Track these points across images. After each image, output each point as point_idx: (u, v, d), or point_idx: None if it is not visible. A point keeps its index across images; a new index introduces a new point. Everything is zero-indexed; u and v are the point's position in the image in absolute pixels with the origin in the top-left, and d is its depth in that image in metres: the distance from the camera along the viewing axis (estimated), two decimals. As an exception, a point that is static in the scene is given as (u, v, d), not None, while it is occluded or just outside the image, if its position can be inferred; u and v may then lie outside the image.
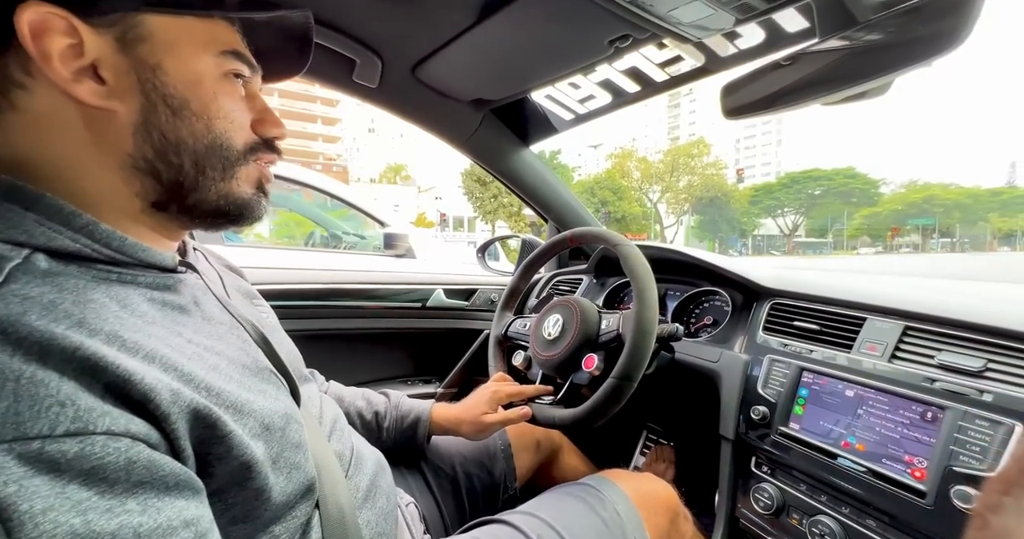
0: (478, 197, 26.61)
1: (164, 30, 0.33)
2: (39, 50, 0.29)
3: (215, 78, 0.35)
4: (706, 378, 0.76)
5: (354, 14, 0.67)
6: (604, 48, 0.63)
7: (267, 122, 0.39)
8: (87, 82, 0.31)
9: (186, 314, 0.35)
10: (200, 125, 0.34)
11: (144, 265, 0.34)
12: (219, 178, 0.36)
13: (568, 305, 0.74)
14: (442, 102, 0.89)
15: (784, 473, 0.65)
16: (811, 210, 47.38)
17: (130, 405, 0.26)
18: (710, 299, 0.92)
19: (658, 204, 40.80)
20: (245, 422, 0.32)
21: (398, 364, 1.14)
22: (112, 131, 0.32)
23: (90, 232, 0.30)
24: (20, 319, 0.24)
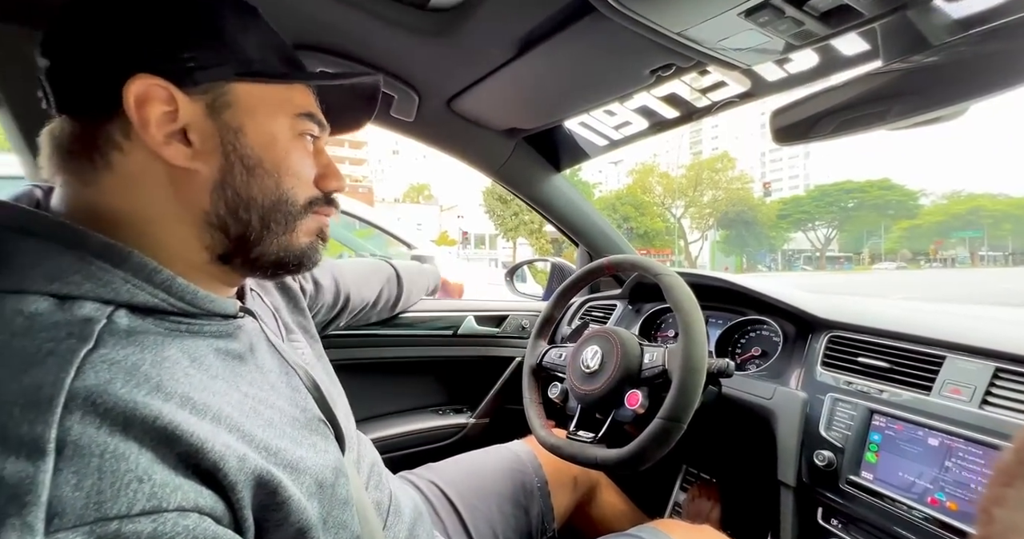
0: (499, 215, 26.90)
1: (248, 96, 0.35)
2: (140, 117, 0.31)
3: (288, 138, 0.37)
4: (758, 416, 0.71)
5: (393, 52, 0.68)
6: (645, 78, 0.62)
7: (329, 176, 0.40)
8: (176, 145, 0.33)
9: (243, 363, 0.36)
10: (270, 183, 0.36)
11: (210, 314, 0.34)
12: (281, 232, 0.37)
13: (607, 336, 0.71)
14: (476, 132, 0.89)
15: (859, 529, 0.58)
16: (845, 223, 45.62)
17: (200, 475, 0.26)
18: (757, 328, 0.87)
19: (681, 219, 40.20)
20: (301, 481, 0.32)
21: (429, 393, 1.12)
22: (192, 189, 0.34)
23: (168, 287, 0.32)
24: (107, 388, 0.24)
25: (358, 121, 0.48)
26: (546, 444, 0.70)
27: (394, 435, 0.99)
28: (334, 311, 0.75)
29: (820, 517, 0.62)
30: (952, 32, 0.43)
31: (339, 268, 0.77)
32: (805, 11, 0.41)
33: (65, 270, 0.28)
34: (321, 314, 0.72)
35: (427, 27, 0.61)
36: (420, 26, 0.61)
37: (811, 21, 0.42)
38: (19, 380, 0.23)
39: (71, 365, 0.24)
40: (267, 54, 0.36)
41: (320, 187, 0.40)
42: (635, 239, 34.20)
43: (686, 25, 0.46)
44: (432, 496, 0.69)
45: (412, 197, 40.63)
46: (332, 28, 0.62)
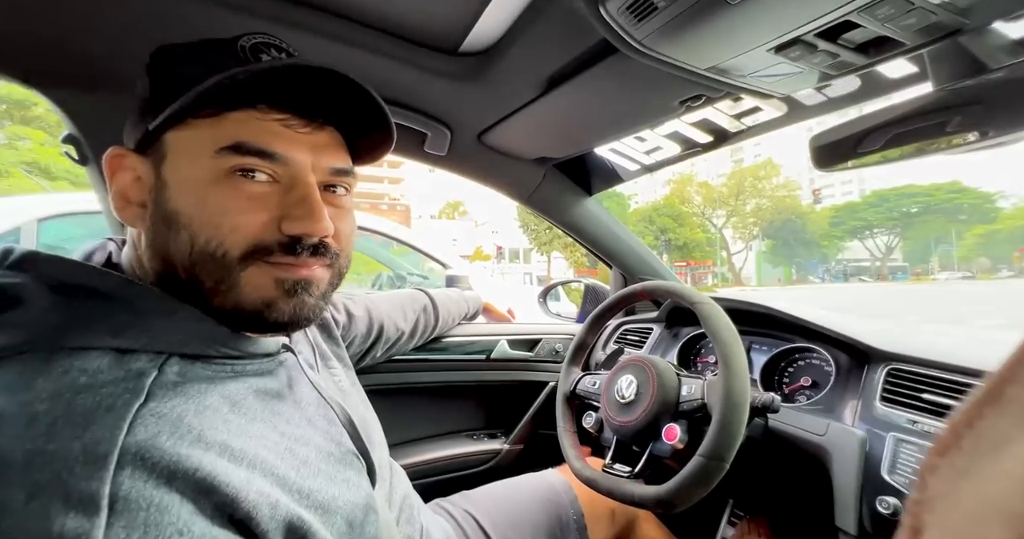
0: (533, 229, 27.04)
1: (175, 141, 0.33)
2: (110, 185, 0.35)
3: (208, 181, 0.32)
4: (810, 453, 0.66)
5: (426, 94, 0.72)
6: (675, 108, 0.62)
7: (290, 218, 0.34)
8: (131, 207, 0.35)
9: (281, 401, 0.38)
10: (184, 236, 0.32)
11: (252, 355, 0.37)
12: (219, 289, 0.33)
13: (642, 365, 0.69)
14: (506, 162, 0.92)
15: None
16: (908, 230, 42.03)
17: (234, 524, 0.27)
18: (806, 357, 0.82)
19: (723, 229, 38.64)
20: (332, 522, 0.33)
21: (463, 418, 1.13)
22: (142, 250, 0.35)
23: (213, 336, 0.34)
24: (155, 442, 0.26)
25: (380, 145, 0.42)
26: (581, 477, 0.69)
27: (428, 460, 1.00)
28: (368, 342, 0.77)
29: (886, 572, 0.56)
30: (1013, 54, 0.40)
31: (372, 300, 0.80)
32: (840, 44, 0.40)
33: (126, 326, 0.30)
34: (355, 345, 0.74)
35: (458, 71, 0.64)
36: (451, 70, 0.64)
37: (847, 53, 0.40)
38: (81, 437, 0.25)
39: (124, 421, 0.26)
40: (189, 85, 0.31)
41: (283, 230, 0.34)
42: (673, 251, 33.15)
43: (714, 62, 0.46)
44: (466, 526, 0.69)
45: (448, 213, 41.68)
46: (368, 75, 0.67)
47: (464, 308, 1.04)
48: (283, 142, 0.34)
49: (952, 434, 0.11)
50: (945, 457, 0.11)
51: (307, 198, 0.34)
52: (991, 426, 0.10)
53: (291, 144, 0.34)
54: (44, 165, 9.25)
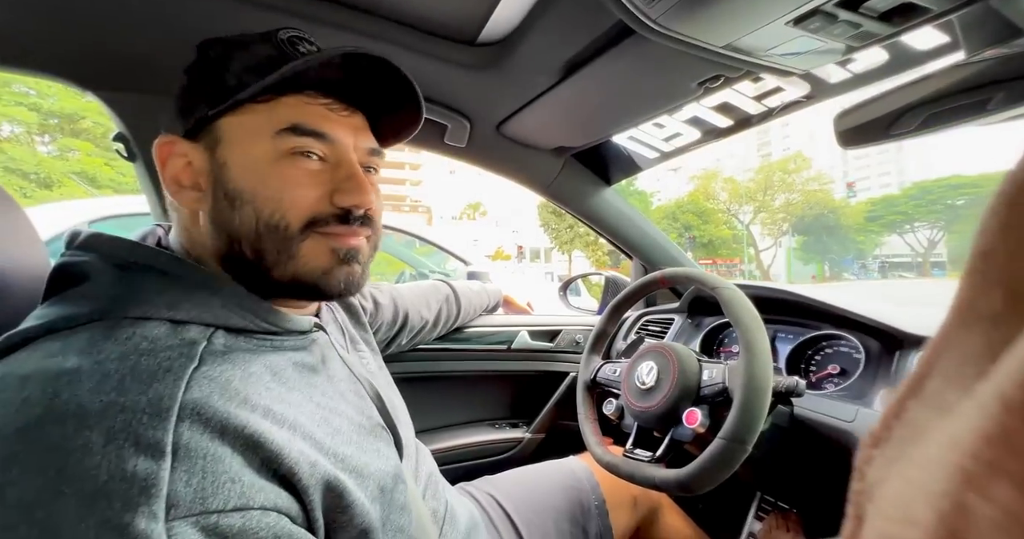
0: (554, 228, 26.92)
1: (231, 126, 0.36)
2: (161, 171, 0.37)
3: (269, 161, 0.36)
4: (838, 441, 0.65)
5: (446, 85, 0.74)
6: (692, 90, 0.62)
7: (343, 191, 0.38)
8: (186, 191, 0.37)
9: (316, 374, 0.40)
10: (249, 212, 0.36)
11: (288, 332, 0.39)
12: (280, 260, 0.37)
13: (663, 351, 0.69)
14: (525, 153, 0.93)
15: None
16: (953, 224, 39.63)
17: (278, 479, 0.30)
18: (834, 344, 0.79)
19: (751, 225, 37.43)
20: (366, 485, 0.35)
21: (485, 407, 1.15)
22: (201, 231, 0.38)
23: (255, 311, 0.36)
24: (208, 401, 0.29)
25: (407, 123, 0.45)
26: (602, 462, 0.69)
27: (452, 447, 1.02)
28: (394, 329, 0.80)
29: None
30: (1048, 15, 0.38)
31: (398, 290, 0.82)
32: (861, 13, 0.39)
33: (178, 299, 0.33)
34: (382, 332, 0.77)
35: (476, 61, 0.66)
36: (469, 60, 0.66)
37: (870, 22, 0.40)
38: (147, 393, 0.27)
39: (182, 381, 0.28)
40: (247, 77, 0.35)
41: (335, 202, 0.38)
42: (698, 248, 32.35)
43: (731, 38, 0.45)
44: (489, 508, 0.71)
45: (469, 214, 42.01)
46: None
47: (485, 300, 1.06)
48: (331, 124, 0.38)
49: (883, 426, 0.12)
50: (878, 448, 0.12)
51: (355, 174, 0.38)
52: (915, 417, 0.11)
53: (336, 126, 0.38)
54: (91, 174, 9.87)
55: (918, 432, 0.11)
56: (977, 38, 0.41)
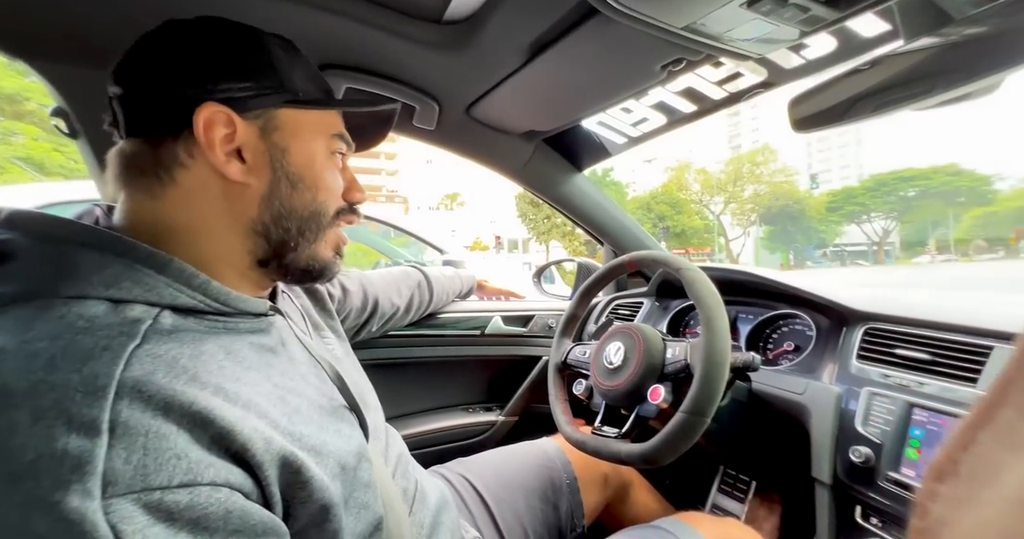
0: (531, 219, 26.94)
1: (293, 120, 0.40)
2: (207, 139, 0.36)
3: (324, 157, 0.42)
4: (791, 412, 0.69)
5: (412, 65, 0.72)
6: (656, 73, 0.63)
7: (354, 189, 0.46)
8: (234, 162, 0.38)
9: (276, 355, 0.40)
10: (309, 196, 0.41)
11: (243, 313, 0.38)
12: (312, 240, 0.42)
13: (629, 332, 0.71)
14: (495, 137, 0.92)
15: (900, 527, 0.55)
16: (905, 214, 42.02)
17: (231, 456, 0.29)
18: (789, 323, 0.84)
19: (721, 216, 38.58)
20: (325, 463, 0.35)
21: (458, 392, 1.15)
22: (244, 200, 0.39)
23: (205, 290, 0.35)
24: (151, 378, 0.28)
25: (374, 140, 0.53)
26: (571, 440, 0.71)
27: (425, 432, 1.02)
28: (363, 316, 0.79)
29: (859, 516, 0.59)
30: (975, 4, 0.41)
31: (367, 276, 0.82)
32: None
33: (118, 277, 0.32)
34: (351, 319, 0.76)
35: (442, 40, 0.65)
36: (436, 39, 0.65)
37: (817, 6, 0.41)
38: (80, 371, 0.26)
39: (121, 359, 0.28)
40: (308, 85, 0.41)
41: (347, 198, 0.45)
42: (672, 238, 33.12)
43: (689, 19, 0.46)
44: (461, 487, 0.72)
45: (446, 204, 41.52)
46: (354, 46, 0.67)
47: (458, 285, 1.06)
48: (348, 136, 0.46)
49: (948, 460, 0.11)
50: (944, 483, 0.11)
51: (355, 177, 0.47)
52: (984, 451, 0.10)
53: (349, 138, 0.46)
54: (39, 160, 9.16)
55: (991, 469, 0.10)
56: (914, 25, 0.43)
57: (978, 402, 0.11)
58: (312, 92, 0.41)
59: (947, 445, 0.11)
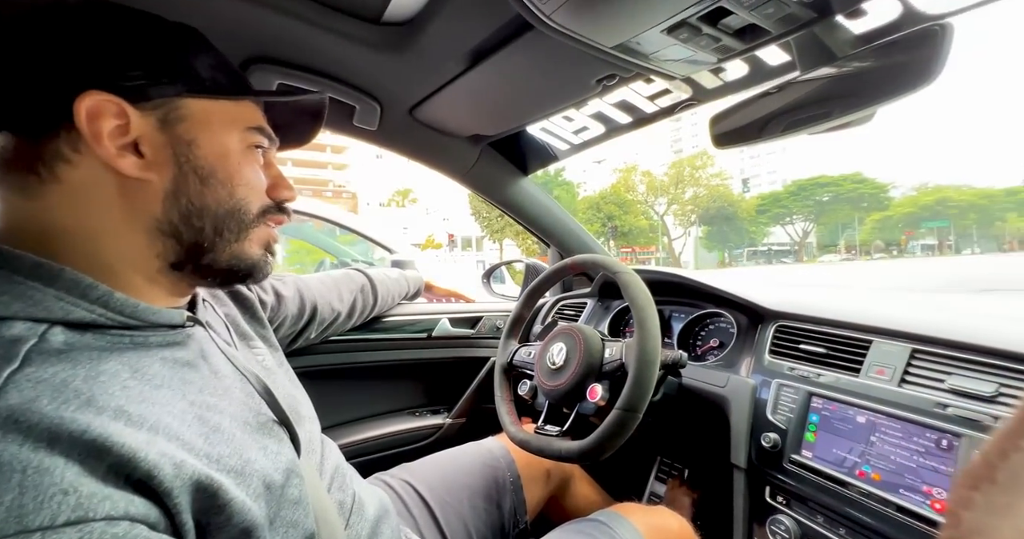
0: (485, 216, 26.85)
1: (201, 111, 0.37)
2: (92, 131, 0.32)
3: (240, 151, 0.40)
4: (715, 404, 0.75)
5: (351, 64, 0.70)
6: (592, 86, 0.66)
7: (280, 187, 0.43)
8: (129, 157, 0.34)
9: (194, 369, 0.37)
10: (224, 192, 0.38)
11: (154, 326, 0.35)
12: (233, 239, 0.39)
13: (571, 333, 0.74)
14: (440, 139, 0.92)
15: (800, 504, 0.63)
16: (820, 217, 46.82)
17: (132, 485, 0.27)
18: (715, 321, 0.91)
19: (665, 216, 40.77)
20: (248, 484, 0.33)
21: (405, 396, 1.14)
22: (144, 198, 0.35)
23: (105, 302, 0.32)
24: (31, 406, 0.25)
25: (304, 136, 0.50)
26: (515, 439, 0.73)
27: (370, 438, 1.00)
28: (301, 322, 0.75)
29: (768, 495, 0.66)
30: (855, 45, 0.47)
31: (304, 280, 0.78)
32: (719, 29, 0.45)
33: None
34: (286, 326, 0.72)
35: (381, 40, 0.63)
36: (374, 39, 0.63)
37: (727, 37, 0.46)
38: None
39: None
40: (217, 74, 0.39)
41: (272, 196, 0.42)
42: (619, 237, 34.47)
43: (620, 39, 0.49)
44: (404, 493, 0.71)
45: (398, 201, 40.36)
46: (288, 41, 0.64)
47: (404, 287, 1.04)
48: (269, 130, 0.43)
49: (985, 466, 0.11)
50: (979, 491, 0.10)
51: (281, 173, 0.44)
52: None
53: (271, 132, 0.43)
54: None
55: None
56: (808, 59, 0.49)
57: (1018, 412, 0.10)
58: (221, 82, 0.39)
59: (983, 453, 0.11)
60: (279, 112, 0.44)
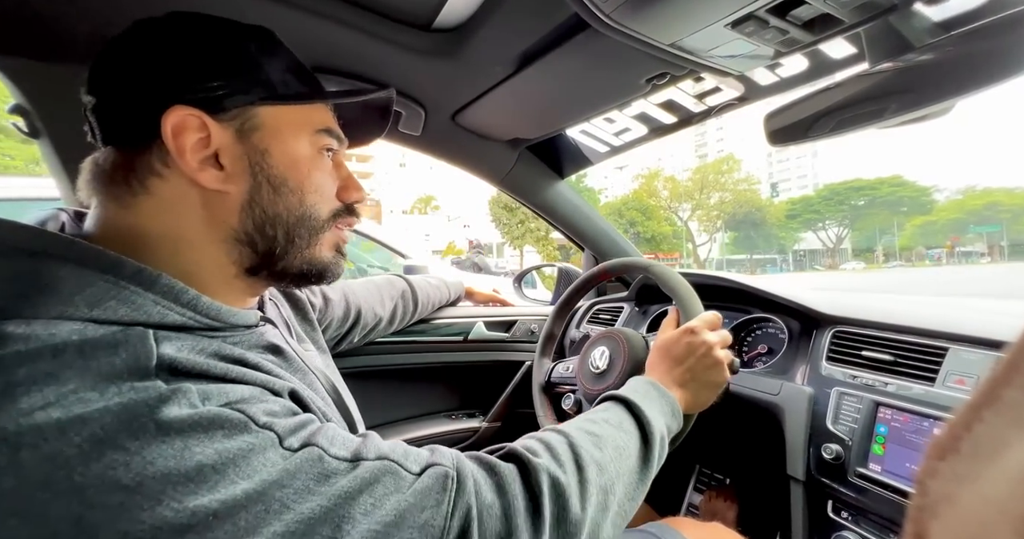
0: (505, 223, 26.81)
1: (273, 118, 0.37)
2: (177, 146, 0.34)
3: (310, 156, 0.39)
4: (766, 412, 0.72)
5: (399, 71, 0.72)
6: (641, 86, 0.65)
7: (350, 188, 0.43)
8: (209, 170, 0.35)
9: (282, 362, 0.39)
10: (294, 199, 0.38)
11: (234, 326, 0.37)
12: (305, 245, 0.39)
13: (612, 336, 0.73)
14: (480, 144, 0.93)
15: (869, 521, 0.59)
16: (856, 222, 44.85)
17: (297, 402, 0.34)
18: (763, 326, 0.88)
19: (689, 222, 39.95)
20: None
21: (441, 399, 1.14)
22: (223, 209, 0.36)
23: (195, 306, 0.33)
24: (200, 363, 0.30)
25: (372, 134, 0.50)
26: None
27: (408, 441, 1.00)
28: (345, 326, 0.76)
29: (830, 510, 0.62)
30: (934, 34, 0.45)
31: (349, 285, 0.79)
32: (788, 21, 0.43)
33: (103, 296, 0.29)
34: (332, 329, 0.73)
35: (431, 47, 0.65)
36: (424, 46, 0.65)
37: (795, 29, 0.44)
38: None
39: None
40: (288, 77, 0.38)
41: (341, 199, 0.42)
42: (641, 243, 33.99)
43: (676, 37, 0.48)
44: None
45: (420, 208, 41.02)
46: (340, 51, 0.66)
47: (445, 294, 1.04)
48: (339, 131, 0.43)
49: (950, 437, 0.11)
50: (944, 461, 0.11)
51: (352, 174, 0.44)
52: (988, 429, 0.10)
53: (340, 132, 0.43)
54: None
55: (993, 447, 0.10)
56: (879, 50, 0.47)
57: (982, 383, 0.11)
58: (293, 85, 0.38)
59: (950, 424, 0.11)
60: (347, 110, 0.44)
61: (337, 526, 0.26)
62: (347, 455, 0.30)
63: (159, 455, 0.24)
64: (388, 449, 0.32)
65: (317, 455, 0.29)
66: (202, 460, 0.25)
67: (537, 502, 0.34)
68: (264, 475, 0.26)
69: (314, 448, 0.29)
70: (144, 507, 0.22)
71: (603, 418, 0.46)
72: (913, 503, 0.11)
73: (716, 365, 0.55)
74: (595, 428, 0.44)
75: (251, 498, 0.25)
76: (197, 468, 0.24)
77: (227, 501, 0.24)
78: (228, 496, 0.24)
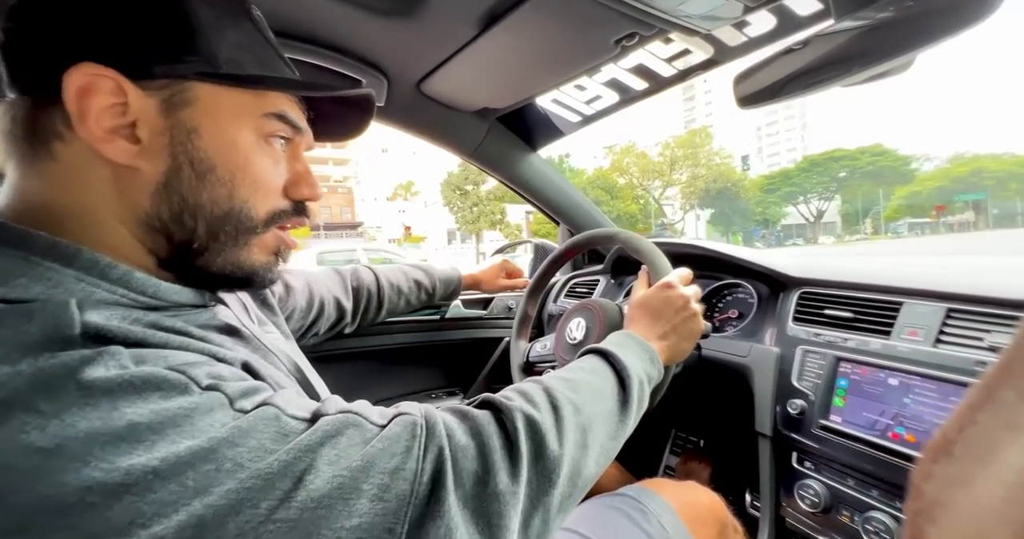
0: (459, 206, 24.64)
1: (211, 96, 0.33)
2: (79, 108, 0.29)
3: (251, 143, 0.34)
4: (737, 374, 0.74)
5: (357, 36, 0.68)
6: (610, 48, 0.63)
7: (301, 184, 0.38)
8: (119, 141, 0.30)
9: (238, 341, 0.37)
10: (222, 191, 0.33)
11: (178, 306, 0.34)
12: (231, 245, 0.35)
13: (587, 306, 0.73)
14: (448, 114, 0.89)
15: (830, 469, 0.62)
16: (839, 194, 43.34)
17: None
18: (733, 292, 0.90)
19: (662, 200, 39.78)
20: None
21: (421, 378, 1.14)
22: (133, 188, 0.32)
23: (126, 283, 0.30)
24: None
25: (349, 131, 0.44)
26: None
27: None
28: (309, 317, 0.72)
29: (794, 461, 0.66)
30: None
31: (313, 275, 0.75)
32: (752, -29, 0.42)
33: (10, 273, 0.26)
34: (295, 319, 0.69)
35: (389, 6, 0.61)
36: (382, 5, 0.61)
37: (759, -19, 0.43)
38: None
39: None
40: (242, 55, 0.34)
41: (289, 195, 0.37)
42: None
43: (642, -10, 0.47)
44: None
45: (401, 194, 40.03)
46: (291, 11, 0.62)
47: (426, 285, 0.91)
48: (301, 118, 0.38)
49: (943, 440, 0.11)
50: (938, 464, 0.11)
51: (308, 169, 0.39)
52: (980, 431, 0.10)
53: (303, 121, 0.38)
54: None
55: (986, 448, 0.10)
56: (845, 4, 0.46)
57: (977, 385, 0.10)
58: (245, 65, 0.33)
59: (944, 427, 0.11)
60: (319, 102, 0.39)
61: (299, 478, 0.25)
62: (306, 415, 0.28)
63: (82, 417, 0.22)
64: (351, 405, 0.31)
65: (273, 414, 0.26)
66: (135, 419, 0.22)
67: (512, 440, 0.33)
68: (212, 433, 0.24)
69: (270, 407, 0.27)
70: (68, 469, 0.21)
71: (578, 366, 0.46)
72: (909, 508, 0.11)
73: (694, 316, 0.57)
74: (569, 374, 0.43)
75: (198, 456, 0.23)
76: (129, 427, 0.22)
77: (168, 459, 0.22)
78: (169, 453, 0.22)
